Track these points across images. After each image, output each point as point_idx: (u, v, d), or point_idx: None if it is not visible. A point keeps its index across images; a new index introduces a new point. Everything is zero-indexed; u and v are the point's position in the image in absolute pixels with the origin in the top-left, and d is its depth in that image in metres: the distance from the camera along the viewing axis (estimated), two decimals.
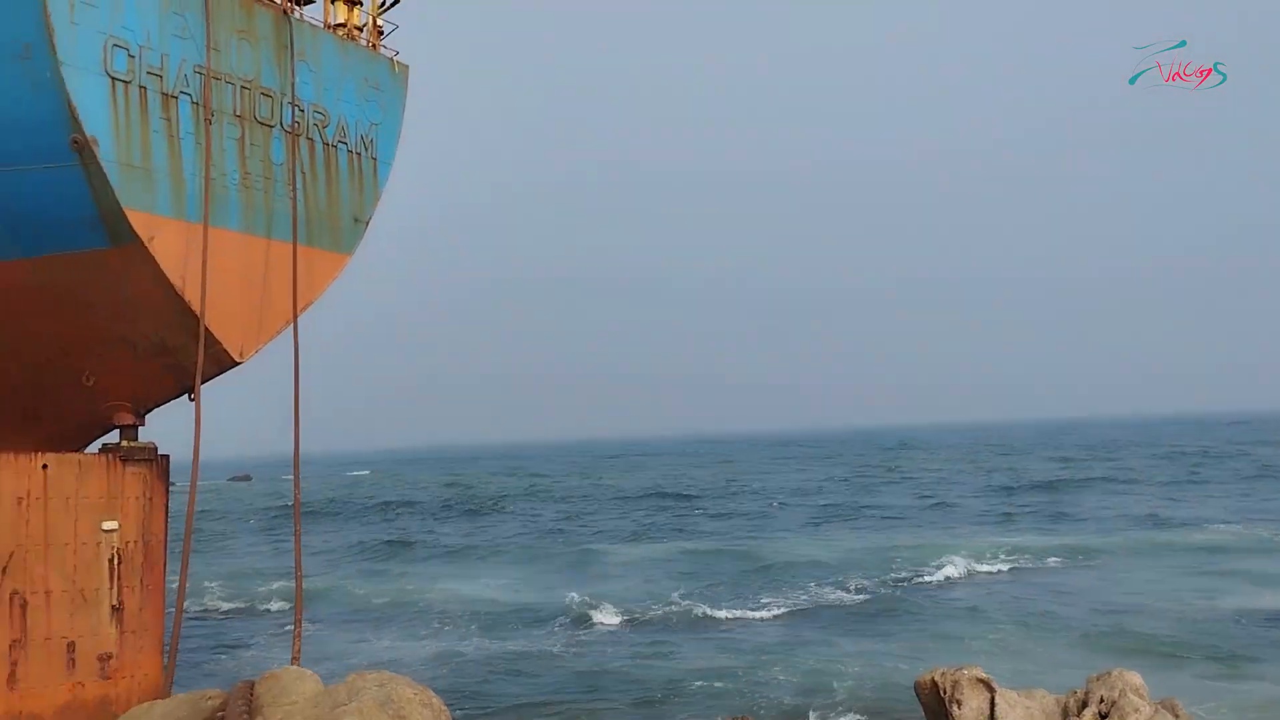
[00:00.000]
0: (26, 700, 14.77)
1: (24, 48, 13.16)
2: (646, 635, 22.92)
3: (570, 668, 20.20)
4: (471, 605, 26.82)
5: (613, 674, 19.43)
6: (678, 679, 18.94)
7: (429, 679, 12.81)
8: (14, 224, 14.01)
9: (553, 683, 18.91)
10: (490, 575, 32.99)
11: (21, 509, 15.07)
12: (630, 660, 20.68)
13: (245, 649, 22.91)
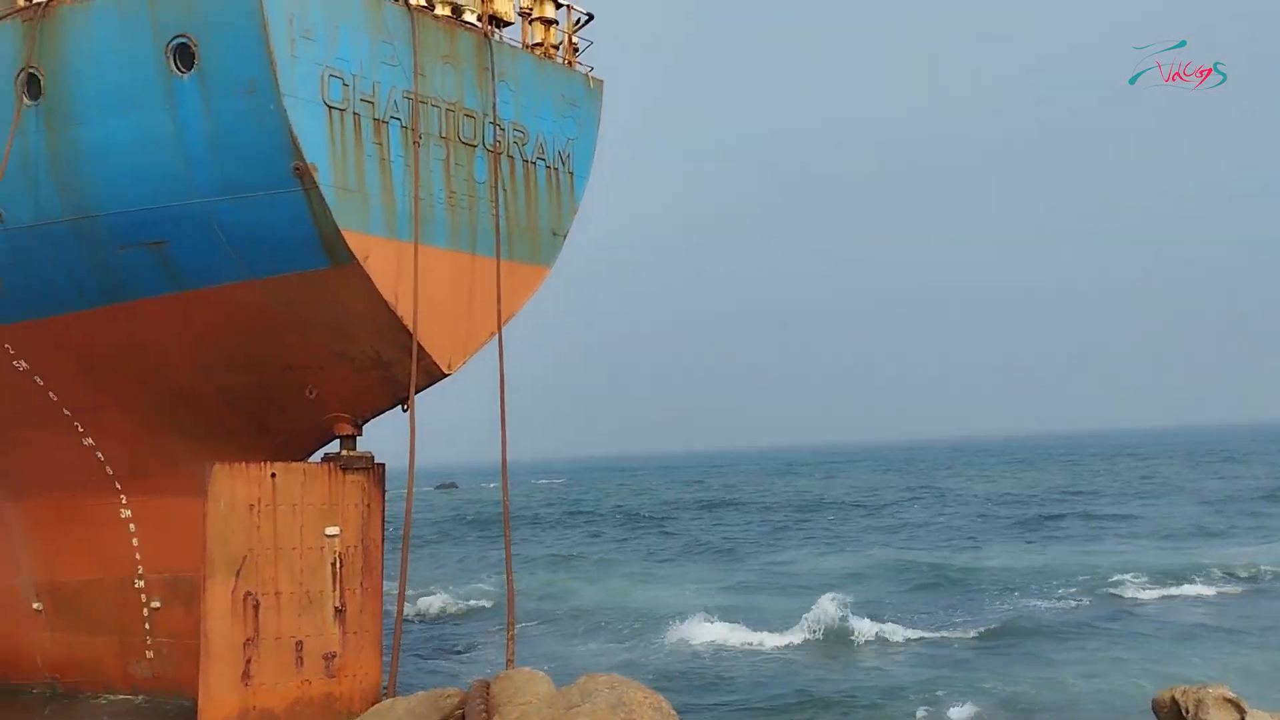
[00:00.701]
0: (259, 695, 15.73)
1: (250, 83, 14.05)
2: (847, 647, 22.52)
3: (784, 676, 20.05)
4: (672, 611, 26.97)
5: (825, 684, 19.17)
6: (891, 689, 18.55)
7: (645, 683, 12.90)
8: (244, 248, 14.97)
9: (770, 693, 18.82)
10: (689, 582, 33.12)
11: (253, 515, 16.07)
12: (836, 671, 20.36)
13: (457, 651, 23.69)
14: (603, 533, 55.06)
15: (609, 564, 39.86)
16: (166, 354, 16.21)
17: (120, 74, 14.51)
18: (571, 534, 55.43)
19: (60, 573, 18.21)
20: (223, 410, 16.85)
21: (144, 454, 17.37)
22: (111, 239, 15.17)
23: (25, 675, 18.77)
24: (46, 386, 16.92)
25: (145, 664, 17.77)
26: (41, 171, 15.11)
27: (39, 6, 14.81)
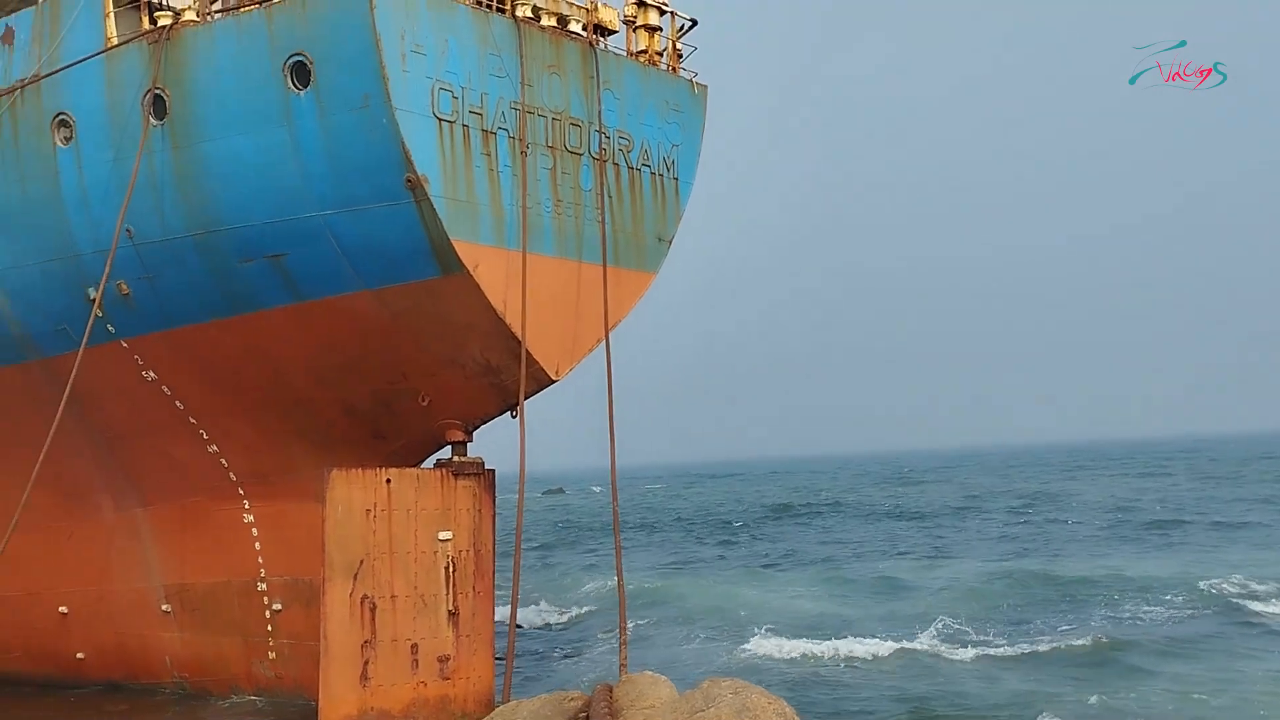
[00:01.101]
0: (377, 696, 16.07)
1: (363, 98, 14.41)
2: (956, 658, 22.03)
3: (891, 686, 19.74)
4: (775, 617, 26.78)
5: (934, 697, 18.78)
6: (1004, 702, 18.13)
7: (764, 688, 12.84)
8: (358, 259, 15.35)
9: (880, 703, 18.55)
10: (793, 588, 32.84)
11: (370, 520, 16.44)
12: (945, 683, 19.94)
13: (564, 655, 23.89)
14: (706, 537, 54.95)
15: (712, 569, 39.78)
16: (286, 363, 16.70)
17: (241, 93, 15.01)
18: (674, 538, 55.44)
19: (188, 575, 18.86)
20: (339, 417, 17.29)
21: (265, 460, 17.90)
22: (233, 252, 15.70)
23: (155, 675, 19.49)
24: (173, 396, 17.54)
25: (268, 664, 18.30)
26: (167, 189, 15.71)
27: (164, 30, 15.41)
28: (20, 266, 17.12)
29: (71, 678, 20.29)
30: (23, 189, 16.78)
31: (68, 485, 18.54)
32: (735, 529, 59.47)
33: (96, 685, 20.08)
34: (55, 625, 20.13)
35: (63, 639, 20.18)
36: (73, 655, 20.13)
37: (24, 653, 20.66)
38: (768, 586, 33.74)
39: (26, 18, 16.82)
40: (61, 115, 16.19)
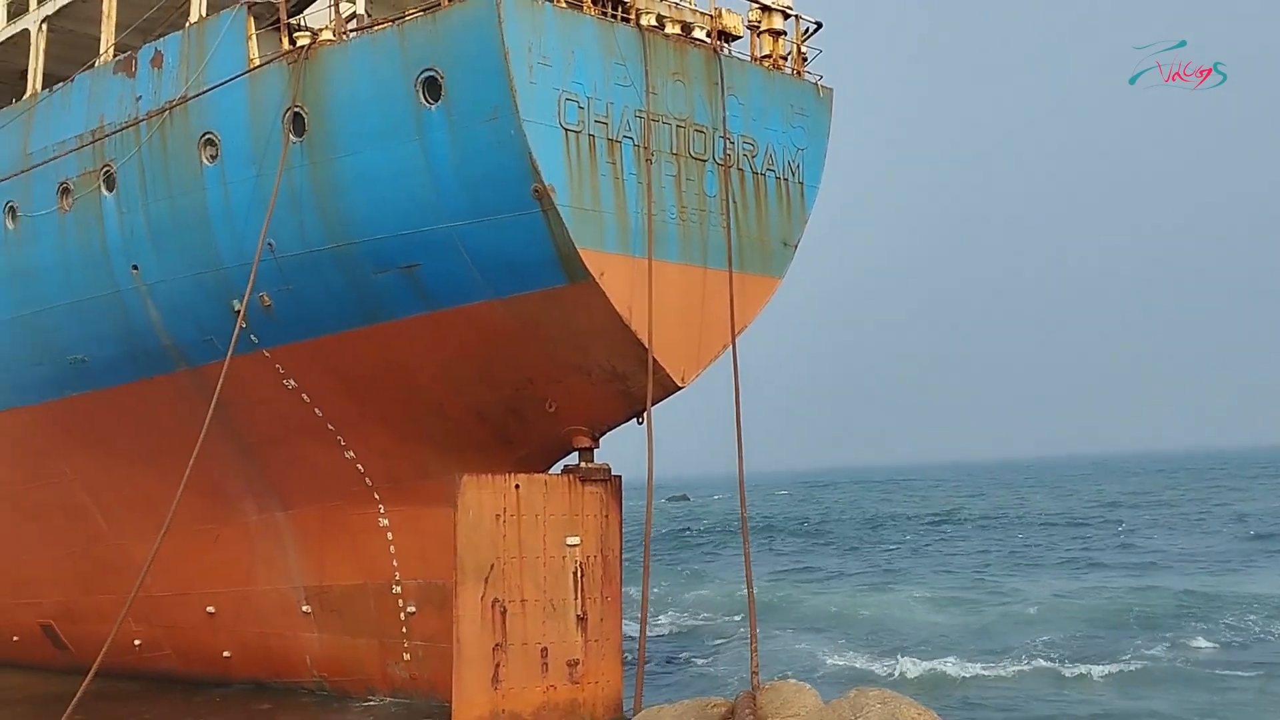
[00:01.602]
0: (508, 699, 16.32)
1: (493, 110, 14.69)
2: (1086, 678, 21.23)
3: (1023, 704, 19.19)
4: (900, 628, 26.30)
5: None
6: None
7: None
8: (487, 268, 15.64)
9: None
10: (918, 599, 32.15)
11: (499, 524, 16.72)
12: (1073, 705, 19.26)
13: (690, 660, 23.86)
14: (830, 545, 54.33)
15: (836, 578, 39.28)
16: (419, 371, 17.09)
17: (374, 108, 15.46)
18: (797, 545, 54.97)
19: (326, 578, 19.44)
20: (470, 424, 17.62)
21: (399, 466, 18.35)
22: (368, 264, 16.15)
23: (296, 674, 20.13)
24: (312, 403, 18.12)
25: (403, 666, 18.73)
26: (306, 204, 16.25)
27: (302, 49, 15.97)
28: (170, 280, 17.90)
29: (219, 676, 21.09)
30: (172, 206, 17.55)
31: (214, 489, 19.27)
32: (861, 537, 58.65)
33: (242, 683, 20.84)
34: (203, 625, 20.97)
35: (210, 638, 21.01)
36: (220, 654, 20.93)
37: (174, 651, 21.58)
38: (892, 595, 33.15)
39: (174, 42, 17.61)
40: (208, 134, 16.90)
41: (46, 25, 20.75)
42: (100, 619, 22.23)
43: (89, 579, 22.23)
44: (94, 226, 18.56)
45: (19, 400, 21.34)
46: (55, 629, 23.47)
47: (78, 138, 18.61)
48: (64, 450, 21.39)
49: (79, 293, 19.13)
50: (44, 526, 22.44)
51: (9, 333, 20.65)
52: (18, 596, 23.82)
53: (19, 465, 22.26)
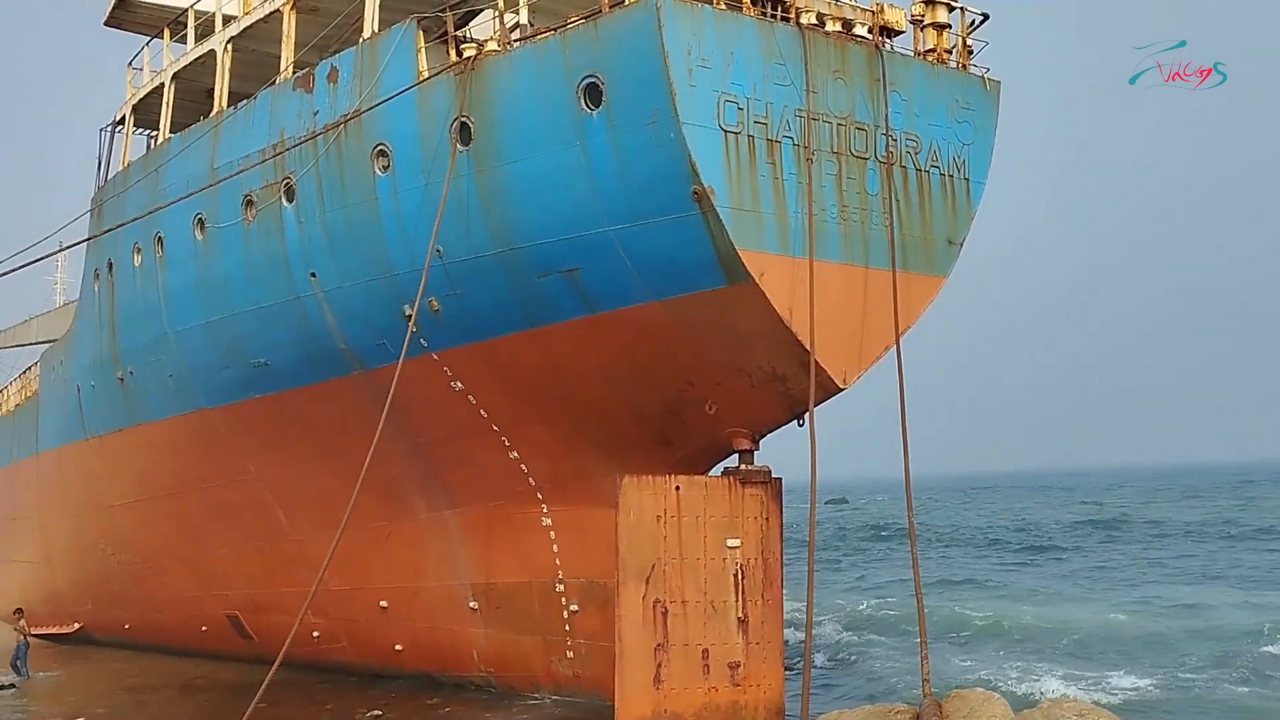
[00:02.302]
0: (670, 700, 16.39)
1: (652, 114, 14.79)
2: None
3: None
4: (1068, 640, 25.26)
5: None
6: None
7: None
8: (647, 271, 15.75)
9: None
10: (1084, 610, 30.83)
11: (660, 525, 16.81)
12: None
13: (854, 665, 23.50)
14: (988, 552, 52.71)
15: (997, 585, 38.06)
16: (580, 373, 17.34)
17: (538, 116, 15.76)
18: (957, 551, 53.53)
19: (492, 575, 19.91)
20: (629, 425, 17.78)
21: (561, 466, 18.65)
22: (532, 268, 16.48)
23: (464, 668, 20.68)
24: (478, 405, 18.58)
25: (566, 663, 19.03)
26: (472, 211, 16.68)
27: (468, 61, 16.40)
28: (345, 287, 18.63)
29: (392, 668, 21.86)
30: (347, 215, 18.27)
31: (386, 488, 19.95)
32: (1022, 543, 56.71)
33: (413, 676, 21.52)
34: (376, 618, 21.75)
35: (383, 631, 21.78)
36: (392, 647, 21.68)
37: (350, 643, 22.45)
38: (1056, 606, 31.90)
39: (349, 57, 18.34)
40: (380, 145, 17.53)
41: (231, 45, 21.91)
42: (281, 610, 23.32)
43: (271, 572, 23.33)
44: (275, 236, 19.48)
45: (208, 402, 22.55)
46: (241, 619, 24.72)
47: (260, 152, 19.56)
48: (248, 449, 22.52)
49: (262, 299, 20.10)
50: (230, 522, 23.67)
51: (199, 338, 21.85)
52: (207, 588, 25.20)
53: (208, 463, 23.53)
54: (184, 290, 21.86)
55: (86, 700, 22.53)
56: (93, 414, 27.20)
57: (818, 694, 19.32)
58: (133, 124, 26.39)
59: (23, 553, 34.53)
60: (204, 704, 21.68)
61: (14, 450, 35.28)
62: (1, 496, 37.21)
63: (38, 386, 32.76)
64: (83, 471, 28.64)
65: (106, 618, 29.85)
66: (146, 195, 22.75)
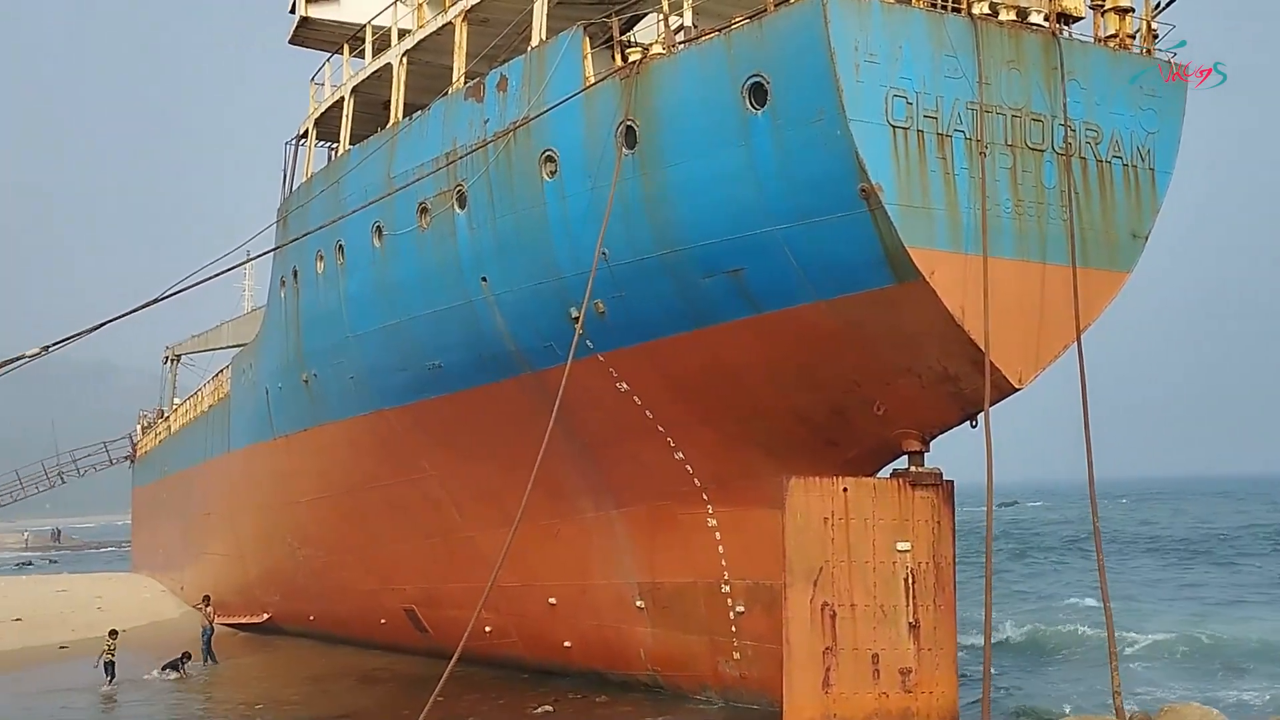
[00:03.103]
0: (839, 704, 16.18)
1: (818, 112, 14.64)
2: None
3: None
4: (1259, 655, 23.78)
5: None
6: None
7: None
8: (812, 270, 15.59)
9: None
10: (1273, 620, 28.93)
11: (827, 528, 16.62)
12: None
13: (1030, 675, 22.72)
14: (1171, 560, 50.13)
15: (1185, 596, 36.16)
16: (745, 374, 17.29)
17: (702, 117, 15.80)
18: (1137, 557, 51.12)
19: (658, 574, 20.04)
20: (795, 426, 17.63)
21: (726, 467, 18.63)
22: (696, 269, 16.52)
23: (631, 667, 20.88)
24: (643, 405, 18.74)
25: (733, 664, 19.00)
26: (637, 213, 16.83)
27: (634, 65, 16.56)
28: (515, 290, 19.07)
29: (560, 664, 22.24)
30: (516, 221, 18.69)
31: (554, 487, 20.30)
32: (1214, 551, 53.74)
33: (581, 673, 21.84)
34: (546, 615, 22.18)
35: (552, 628, 22.19)
36: (561, 644, 22.07)
37: (521, 639, 22.95)
38: (1245, 617, 30.06)
39: (517, 66, 18.76)
40: (548, 151, 17.87)
41: (406, 59, 22.71)
42: (455, 605, 24.03)
43: (445, 567, 24.07)
44: (448, 242, 20.09)
45: (385, 403, 23.43)
46: (417, 613, 25.58)
47: (434, 161, 20.21)
48: (423, 448, 23.28)
49: (436, 304, 20.75)
50: (407, 518, 24.52)
51: (377, 341, 22.72)
52: (386, 582, 26.17)
53: (385, 462, 24.44)
54: (363, 296, 22.77)
55: (274, 688, 23.69)
56: (279, 414, 28.61)
57: (995, 702, 18.74)
58: (315, 137, 27.66)
59: (217, 546, 36.57)
60: (383, 695, 22.48)
61: (208, 449, 37.40)
62: (197, 493, 39.50)
63: (229, 388, 34.67)
64: (270, 469, 30.15)
65: (292, 609, 31.35)
66: (328, 205, 23.80)
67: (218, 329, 49.44)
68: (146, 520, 53.30)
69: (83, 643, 30.72)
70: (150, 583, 46.13)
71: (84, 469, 61.48)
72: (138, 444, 57.43)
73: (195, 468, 39.68)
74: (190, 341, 53.43)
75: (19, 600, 38.14)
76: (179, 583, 42.14)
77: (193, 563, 39.90)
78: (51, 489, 63.70)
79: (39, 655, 28.98)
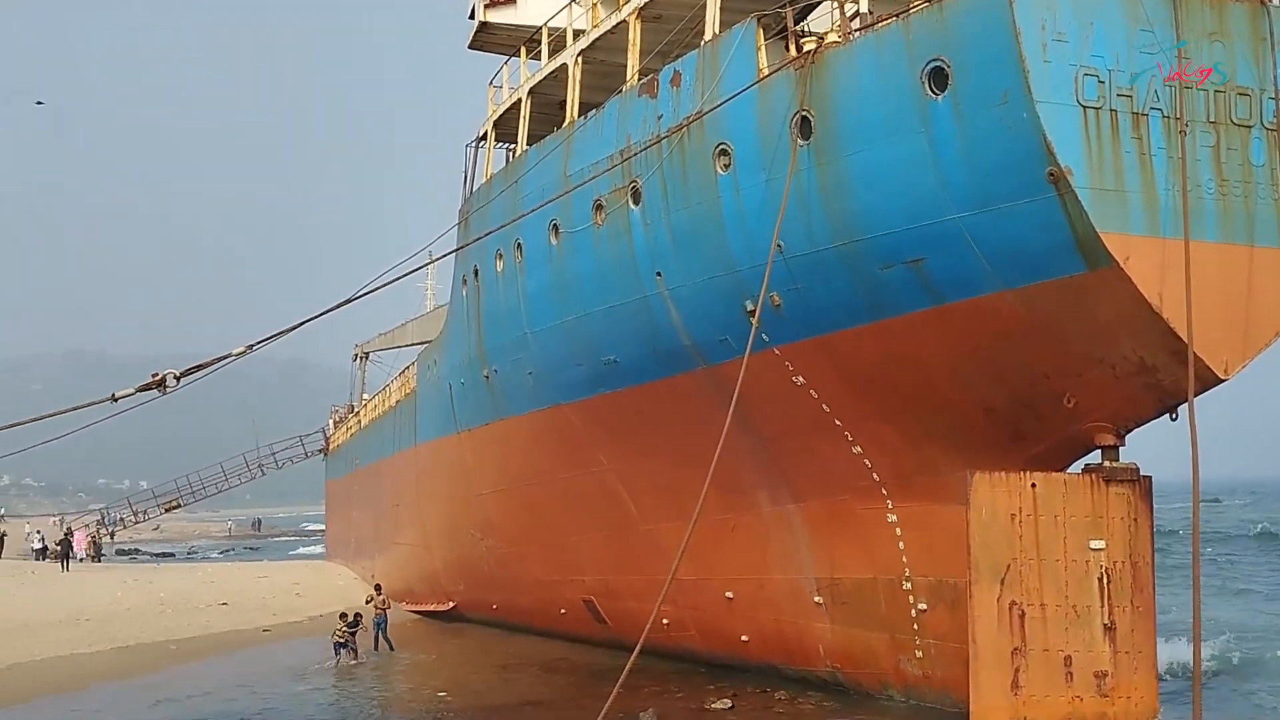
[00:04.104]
0: (1029, 707, 15.65)
1: (1002, 95, 14.16)
2: None
3: None
4: None
5: None
6: None
7: None
8: (998, 259, 15.10)
9: None
10: None
11: (1015, 525, 16.08)
12: None
13: (1235, 684, 21.44)
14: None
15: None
16: (925, 366, 16.88)
17: (881, 105, 15.50)
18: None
19: (837, 570, 19.79)
20: (978, 419, 17.11)
21: (906, 462, 18.24)
22: (874, 260, 16.22)
23: (810, 663, 20.69)
24: (820, 399, 18.53)
25: (915, 663, 18.59)
26: (813, 204, 16.65)
27: (808, 54, 16.38)
28: (689, 284, 19.14)
29: (738, 659, 22.22)
30: (690, 215, 18.75)
31: (731, 481, 20.26)
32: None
33: (758, 668, 21.77)
34: (723, 609, 22.20)
35: (729, 622, 22.19)
36: (738, 638, 22.04)
37: (698, 632, 23.04)
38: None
39: (691, 61, 18.81)
40: (722, 145, 17.86)
41: (581, 58, 23.08)
42: (633, 597, 24.31)
43: (622, 560, 24.37)
44: (623, 238, 20.32)
45: (563, 398, 23.89)
46: (596, 605, 26.00)
47: (609, 158, 20.47)
48: (599, 442, 23.64)
49: (611, 299, 21.03)
50: (585, 511, 24.94)
51: (555, 338, 23.19)
52: (564, 573, 26.69)
53: (563, 456, 24.92)
54: (541, 293, 23.27)
55: (459, 674, 24.46)
56: (462, 409, 29.54)
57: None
58: (494, 139, 28.42)
59: (406, 536, 38.04)
60: (565, 685, 22.91)
61: (396, 442, 38.93)
62: (386, 485, 41.17)
63: (414, 384, 35.99)
64: (454, 462, 31.16)
65: (476, 598, 32.33)
66: (506, 205, 24.41)
67: (403, 327, 51.36)
68: (339, 511, 55.84)
69: (283, 626, 32.48)
70: (344, 570, 48.32)
71: (281, 462, 64.75)
72: (330, 438, 60.21)
73: (384, 461, 41.36)
74: (377, 339, 55.69)
75: (225, 586, 40.53)
76: (370, 571, 44.00)
77: (383, 552, 41.58)
78: (252, 480, 67.22)
79: (244, 639, 30.69)
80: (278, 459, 64.89)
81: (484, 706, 21.05)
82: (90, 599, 35.27)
